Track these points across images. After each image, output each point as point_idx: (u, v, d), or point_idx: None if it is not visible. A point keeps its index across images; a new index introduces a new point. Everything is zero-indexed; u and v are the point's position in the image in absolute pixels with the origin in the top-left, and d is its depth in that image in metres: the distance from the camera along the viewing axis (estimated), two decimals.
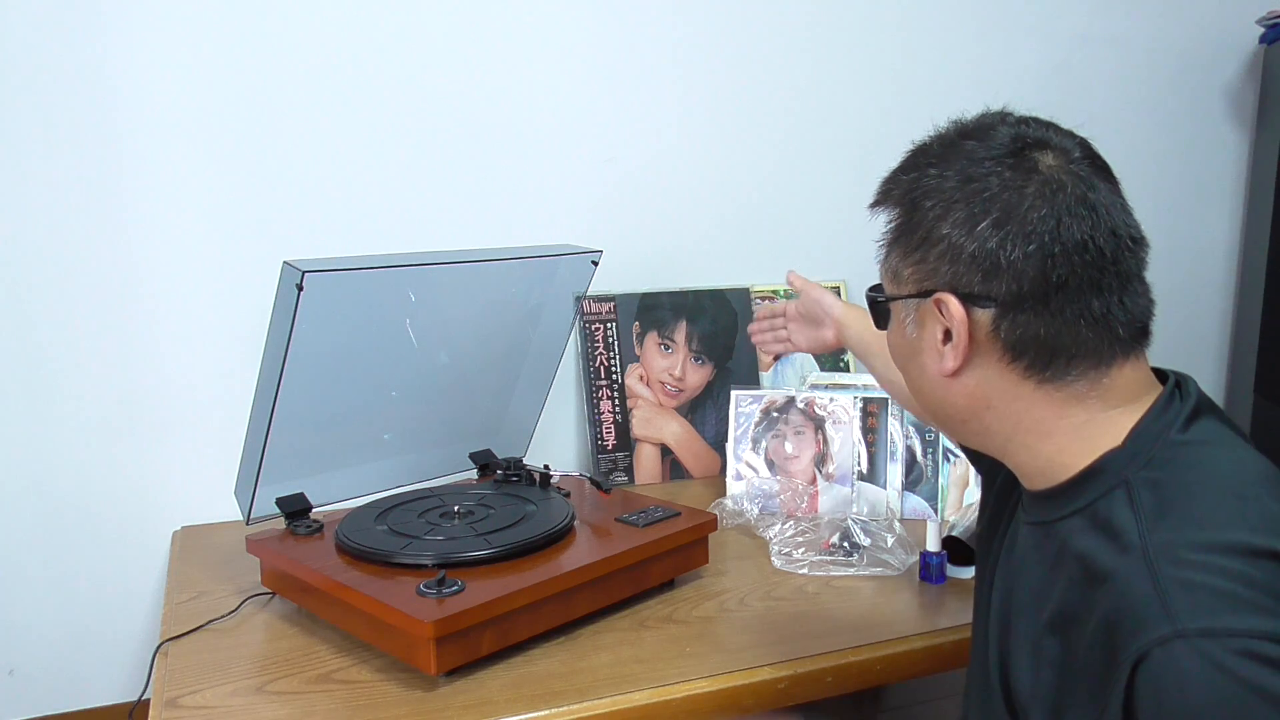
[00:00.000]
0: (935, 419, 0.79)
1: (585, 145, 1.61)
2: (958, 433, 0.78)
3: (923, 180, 0.72)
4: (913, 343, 0.75)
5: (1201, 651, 0.56)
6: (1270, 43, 1.96)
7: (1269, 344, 1.98)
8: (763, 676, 1.02)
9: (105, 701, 1.47)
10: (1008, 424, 0.73)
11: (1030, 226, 0.67)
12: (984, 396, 0.72)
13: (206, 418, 1.46)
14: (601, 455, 1.61)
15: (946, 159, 0.71)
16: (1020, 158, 0.69)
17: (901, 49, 1.78)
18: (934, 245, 0.71)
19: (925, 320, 0.73)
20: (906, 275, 0.74)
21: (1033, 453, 0.73)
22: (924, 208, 0.71)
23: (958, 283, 0.70)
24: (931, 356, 0.73)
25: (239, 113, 1.43)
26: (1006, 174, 0.68)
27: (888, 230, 0.76)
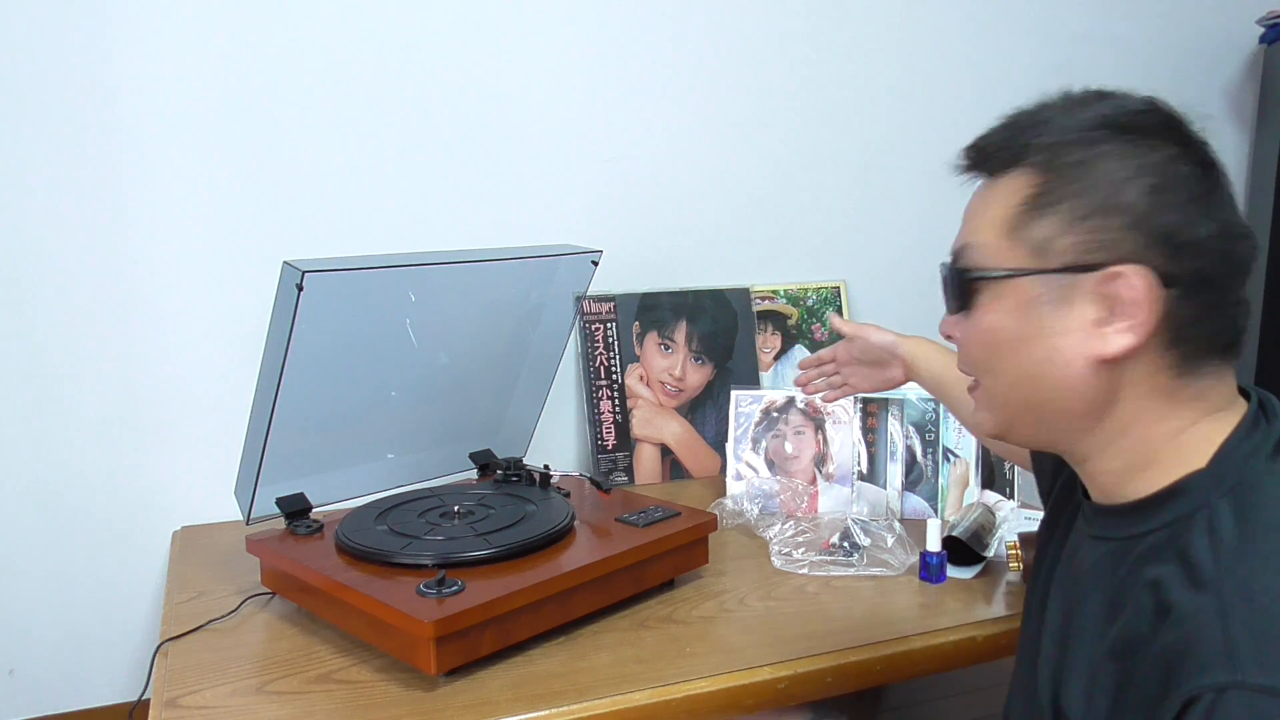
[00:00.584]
0: (1027, 414, 0.71)
1: (585, 145, 1.61)
2: (1051, 431, 0.71)
3: (1088, 144, 0.66)
4: (1044, 323, 0.67)
5: (1256, 708, 0.53)
6: (1270, 43, 1.96)
7: (1269, 344, 1.98)
8: (763, 676, 1.02)
9: (105, 701, 1.47)
10: (1123, 421, 0.68)
11: (1218, 209, 0.65)
12: (1118, 388, 0.67)
13: (206, 418, 1.46)
14: (601, 455, 1.61)
15: (1115, 127, 0.67)
16: (1189, 135, 0.67)
17: (901, 49, 1.78)
18: (1117, 214, 0.64)
19: (1074, 298, 0.66)
20: (1065, 246, 0.65)
21: (1126, 459, 0.68)
22: (1100, 170, 0.65)
23: (1146, 257, 0.63)
24: (1075, 339, 0.66)
25: (239, 113, 1.43)
26: (1188, 151, 0.66)
27: (1027, 198, 0.67)
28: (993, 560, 1.25)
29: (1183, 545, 0.63)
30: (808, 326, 1.74)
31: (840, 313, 1.75)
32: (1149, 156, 0.65)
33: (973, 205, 0.72)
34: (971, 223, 0.72)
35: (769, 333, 1.72)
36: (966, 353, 0.74)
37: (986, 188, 0.71)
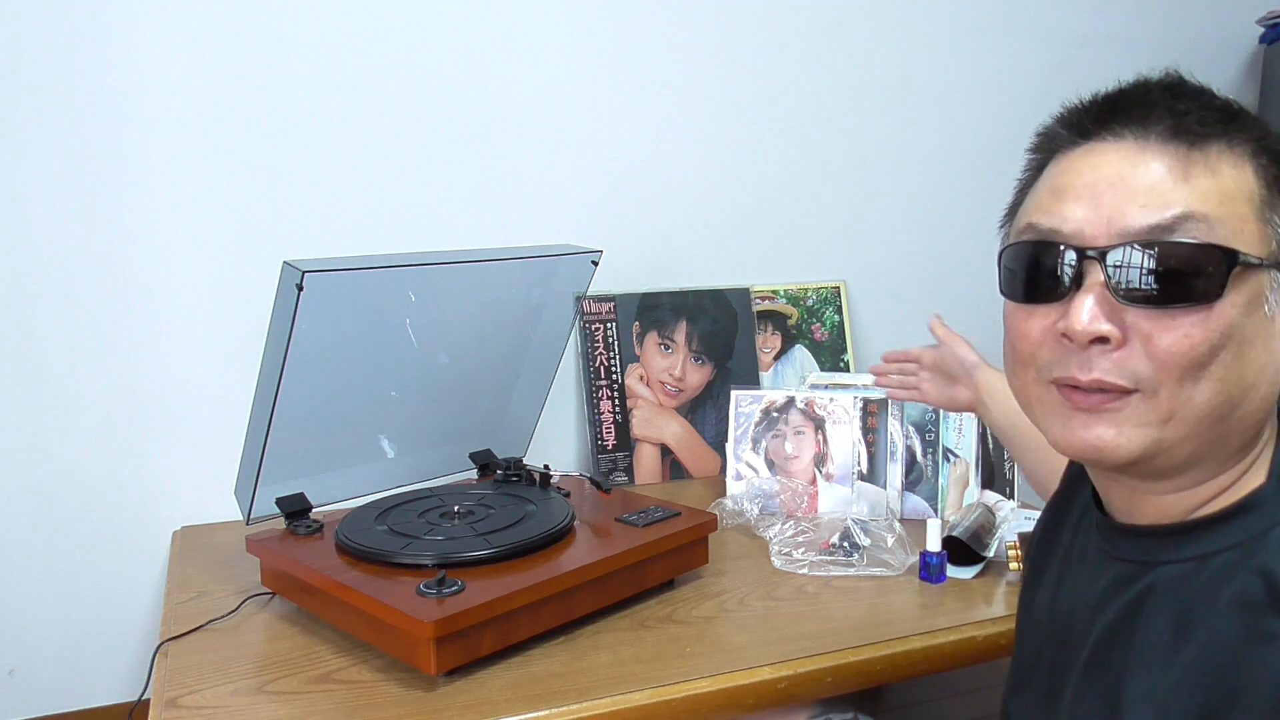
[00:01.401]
0: (1217, 425, 0.61)
1: (585, 145, 1.61)
2: (1222, 448, 0.63)
3: (1267, 135, 0.62)
4: (1267, 324, 0.60)
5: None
6: (1270, 43, 1.96)
7: None
8: (763, 676, 1.02)
9: (105, 701, 1.47)
10: (1265, 435, 0.64)
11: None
12: (1276, 397, 0.62)
13: (206, 418, 1.46)
14: (601, 455, 1.61)
15: (1258, 120, 0.63)
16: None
17: (901, 49, 1.78)
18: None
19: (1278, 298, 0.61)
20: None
21: (1230, 474, 0.63)
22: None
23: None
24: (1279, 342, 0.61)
25: (239, 113, 1.43)
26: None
27: (1273, 175, 0.61)
28: (993, 560, 1.25)
29: (1265, 563, 0.59)
30: (808, 326, 1.74)
31: (840, 313, 1.75)
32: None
33: (1164, 174, 0.60)
34: (1187, 194, 0.60)
35: (769, 333, 1.72)
36: (1160, 355, 0.60)
37: (1180, 157, 0.61)
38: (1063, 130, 0.66)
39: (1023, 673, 0.79)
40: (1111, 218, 0.61)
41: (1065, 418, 0.64)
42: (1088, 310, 0.60)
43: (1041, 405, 0.66)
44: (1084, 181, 0.62)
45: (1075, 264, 0.61)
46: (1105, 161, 0.62)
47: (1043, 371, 0.65)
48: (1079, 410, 0.62)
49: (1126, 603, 0.65)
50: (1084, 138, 0.64)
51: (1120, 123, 0.63)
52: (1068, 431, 0.63)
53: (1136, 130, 0.62)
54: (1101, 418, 0.62)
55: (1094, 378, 0.61)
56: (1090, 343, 0.61)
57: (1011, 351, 0.68)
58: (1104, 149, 0.63)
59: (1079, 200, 0.62)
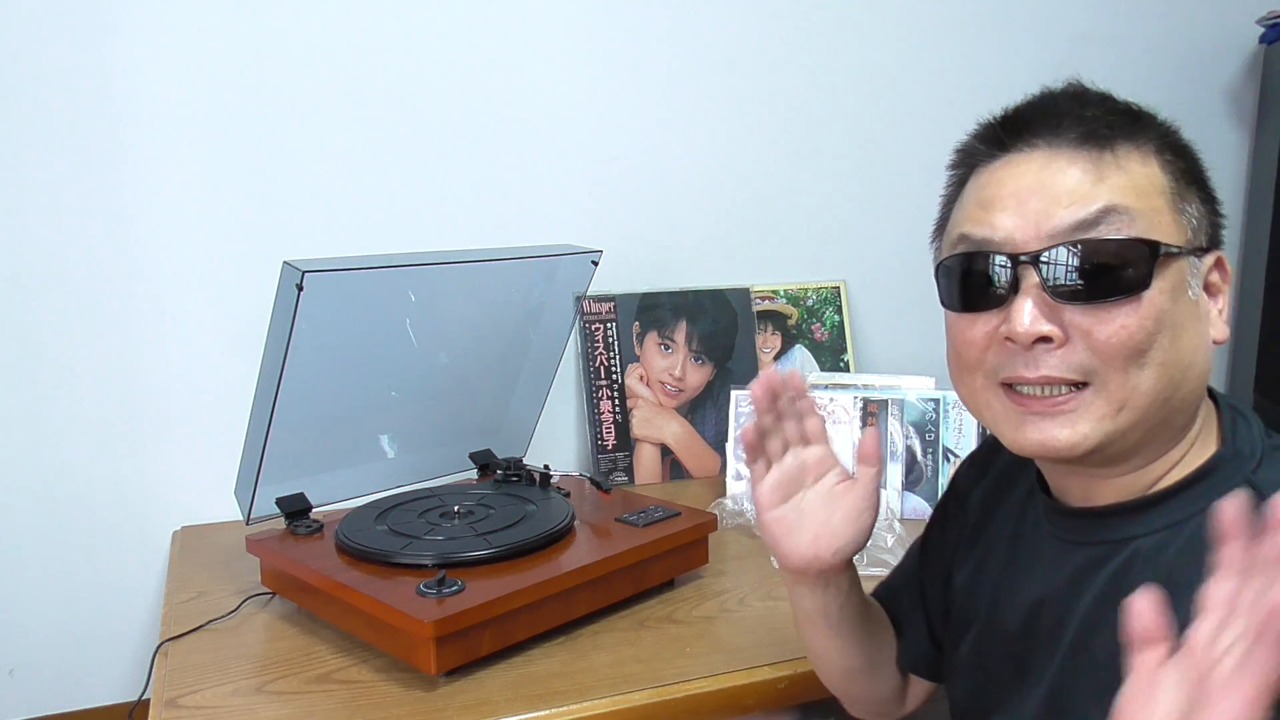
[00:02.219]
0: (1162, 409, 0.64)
1: (585, 145, 1.61)
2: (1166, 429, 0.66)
3: (1170, 132, 0.68)
4: (1192, 307, 0.65)
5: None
6: (1270, 43, 1.96)
7: (1269, 344, 1.98)
8: (763, 676, 1.02)
9: (105, 701, 1.47)
10: (1204, 409, 0.68)
11: None
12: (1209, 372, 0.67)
13: (206, 418, 1.46)
14: (601, 455, 1.61)
15: (1159, 120, 0.69)
16: None
17: (900, 49, 1.77)
18: (1212, 202, 0.67)
19: (1203, 281, 0.66)
20: (1203, 227, 0.65)
21: (1183, 451, 0.67)
22: (1191, 160, 0.67)
23: (1219, 243, 0.67)
24: (1206, 324, 0.66)
25: (239, 113, 1.43)
26: (1191, 148, 0.70)
27: (1183, 171, 0.66)
28: None
29: None
30: (808, 326, 1.74)
31: (840, 313, 1.75)
32: (1198, 158, 0.68)
33: (1083, 175, 0.64)
34: (1108, 191, 0.63)
35: (769, 333, 1.72)
36: (1102, 347, 0.63)
37: (1092, 159, 0.64)
38: (980, 145, 0.70)
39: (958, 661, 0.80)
40: (1039, 222, 0.64)
41: (1018, 420, 0.66)
42: (1028, 313, 0.63)
43: (991, 410, 0.69)
44: (1008, 191, 0.66)
45: (1010, 270, 0.65)
46: (1024, 170, 0.66)
47: (990, 375, 0.67)
48: (1030, 413, 0.65)
49: (1106, 581, 0.67)
50: (1001, 150, 0.68)
51: (1033, 133, 0.67)
52: (1020, 434, 0.66)
53: (1048, 139, 0.66)
54: (1055, 419, 0.64)
55: (1041, 374, 0.64)
56: (1034, 343, 0.64)
57: (957, 360, 0.70)
58: (1021, 159, 0.67)
59: (1005, 209, 0.66)
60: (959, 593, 0.86)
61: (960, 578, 0.86)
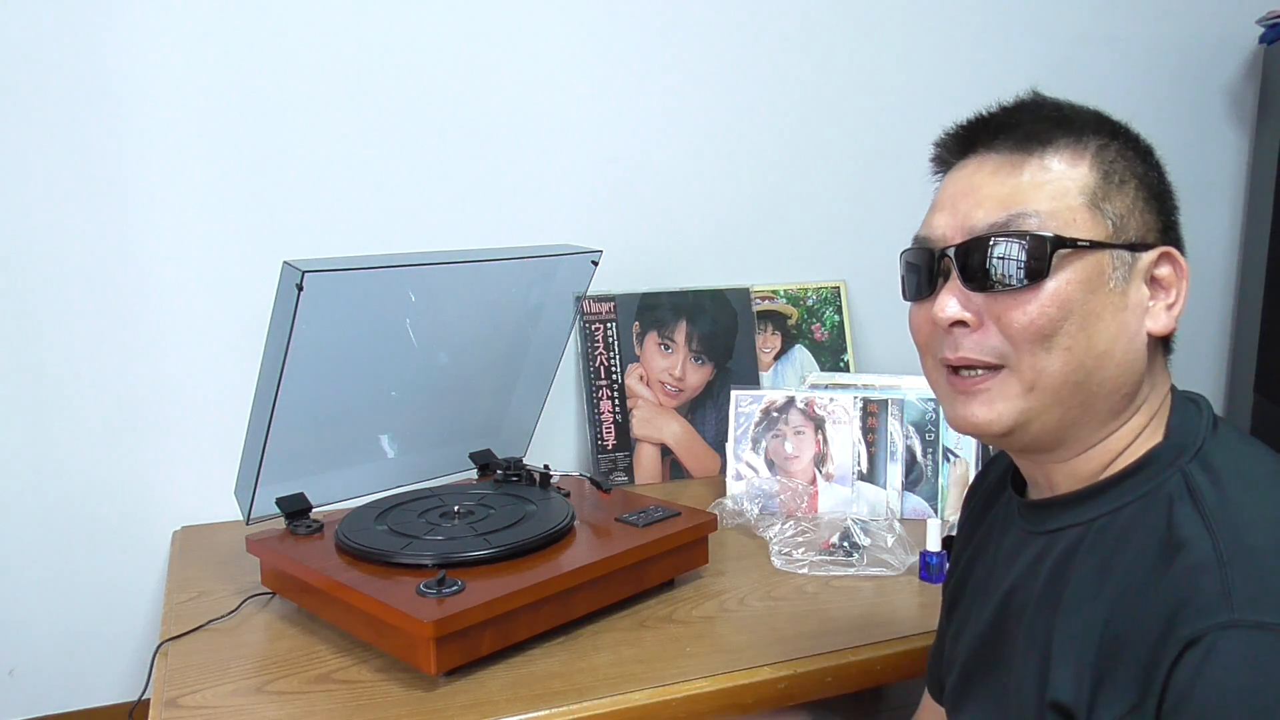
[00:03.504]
0: (1076, 392, 0.70)
1: (585, 145, 1.61)
2: (1086, 410, 0.71)
3: (1126, 139, 0.73)
4: (1113, 297, 0.69)
5: (1252, 643, 0.57)
6: (1270, 43, 1.96)
7: (1269, 344, 1.98)
8: (763, 676, 1.02)
9: (105, 701, 1.47)
10: (1140, 397, 0.72)
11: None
12: (1146, 364, 0.71)
13: (206, 418, 1.46)
14: (601, 455, 1.61)
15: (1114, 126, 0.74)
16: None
17: (901, 49, 1.78)
18: (1165, 198, 0.73)
19: (1134, 275, 0.70)
20: (1134, 223, 0.70)
21: (1118, 435, 0.72)
22: (1150, 160, 0.73)
23: (1175, 238, 0.73)
24: (1136, 314, 0.70)
25: (239, 113, 1.43)
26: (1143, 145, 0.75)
27: (1105, 172, 0.70)
28: None
29: (1165, 509, 0.67)
30: (808, 326, 1.74)
31: (840, 313, 1.75)
32: (1150, 158, 0.74)
33: (1006, 180, 0.71)
34: (1022, 193, 0.70)
35: (769, 333, 1.72)
36: (1009, 331, 0.69)
37: (1017, 164, 0.71)
38: (943, 153, 0.78)
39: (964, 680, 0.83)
40: (963, 222, 0.72)
41: (952, 398, 0.74)
42: (944, 300, 0.72)
43: (938, 388, 0.77)
44: (947, 194, 0.75)
45: (935, 262, 0.73)
46: (961, 176, 0.74)
47: (935, 356, 0.75)
48: (959, 392, 0.73)
49: (1051, 566, 0.72)
50: (955, 157, 0.77)
51: (976, 142, 0.75)
52: (954, 411, 0.75)
53: (987, 146, 0.74)
54: (977, 397, 0.72)
55: (960, 355, 0.72)
56: (951, 327, 0.72)
57: (916, 343, 0.78)
58: (965, 165, 0.75)
59: (942, 210, 0.74)
60: (953, 593, 0.89)
61: (953, 581, 0.90)
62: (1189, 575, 0.61)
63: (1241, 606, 0.58)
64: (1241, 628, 0.57)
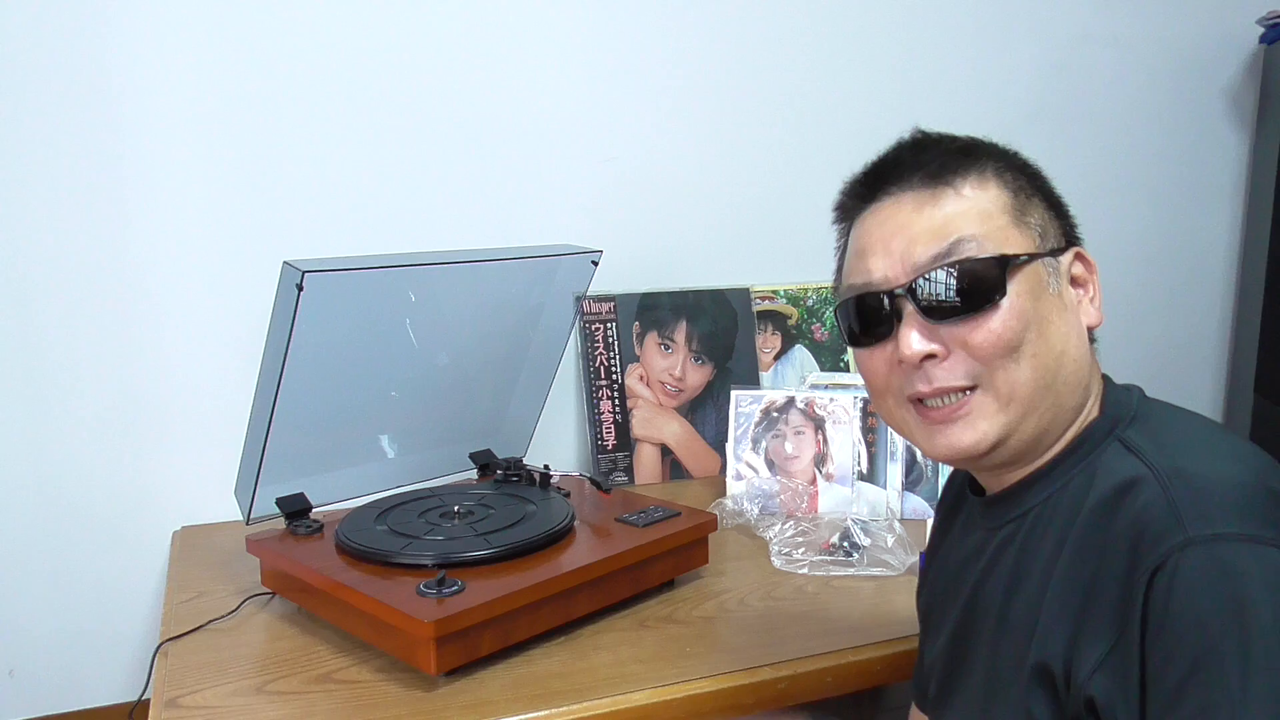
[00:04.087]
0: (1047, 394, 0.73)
1: (585, 145, 1.61)
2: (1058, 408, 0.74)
3: (1005, 154, 0.78)
4: (1057, 301, 0.74)
5: (1213, 554, 0.61)
6: (1270, 43, 1.96)
7: (1269, 344, 1.98)
8: (763, 676, 1.02)
9: (105, 701, 1.47)
10: (1092, 388, 0.76)
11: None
12: (1091, 356, 0.76)
13: (206, 418, 1.46)
14: (601, 455, 1.61)
15: (992, 145, 0.80)
16: None
17: (901, 49, 1.77)
18: (1058, 205, 0.78)
19: (1062, 277, 0.75)
20: (1054, 231, 0.76)
21: (1069, 424, 0.75)
22: (1039, 176, 0.79)
23: (1078, 239, 0.78)
24: (1072, 313, 0.75)
25: (239, 113, 1.43)
26: (1027, 161, 0.81)
27: (1020, 189, 0.76)
28: None
29: (1108, 466, 0.71)
30: (808, 326, 1.74)
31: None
32: (1037, 172, 0.79)
33: (931, 213, 0.75)
34: (953, 222, 0.74)
35: (769, 333, 1.72)
36: (979, 352, 0.72)
37: (935, 196, 0.75)
38: (850, 200, 0.83)
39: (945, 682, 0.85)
40: (903, 260, 0.74)
41: (928, 431, 0.76)
42: (911, 336, 0.74)
43: (906, 426, 0.78)
44: (874, 238, 0.77)
45: (890, 304, 0.75)
46: (884, 218, 0.77)
47: (898, 396, 0.77)
48: (936, 423, 0.75)
49: (1015, 552, 0.75)
50: (865, 202, 0.80)
51: (887, 183, 0.78)
52: (933, 442, 0.76)
53: (899, 185, 0.77)
54: (956, 424, 0.74)
55: (935, 386, 0.74)
56: (921, 361, 0.74)
57: (870, 388, 0.81)
58: (880, 208, 0.78)
59: (875, 254, 0.76)
60: (926, 605, 0.92)
61: (925, 594, 0.93)
62: (1140, 511, 0.65)
63: (1193, 524, 0.62)
64: (1197, 543, 0.61)
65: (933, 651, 0.88)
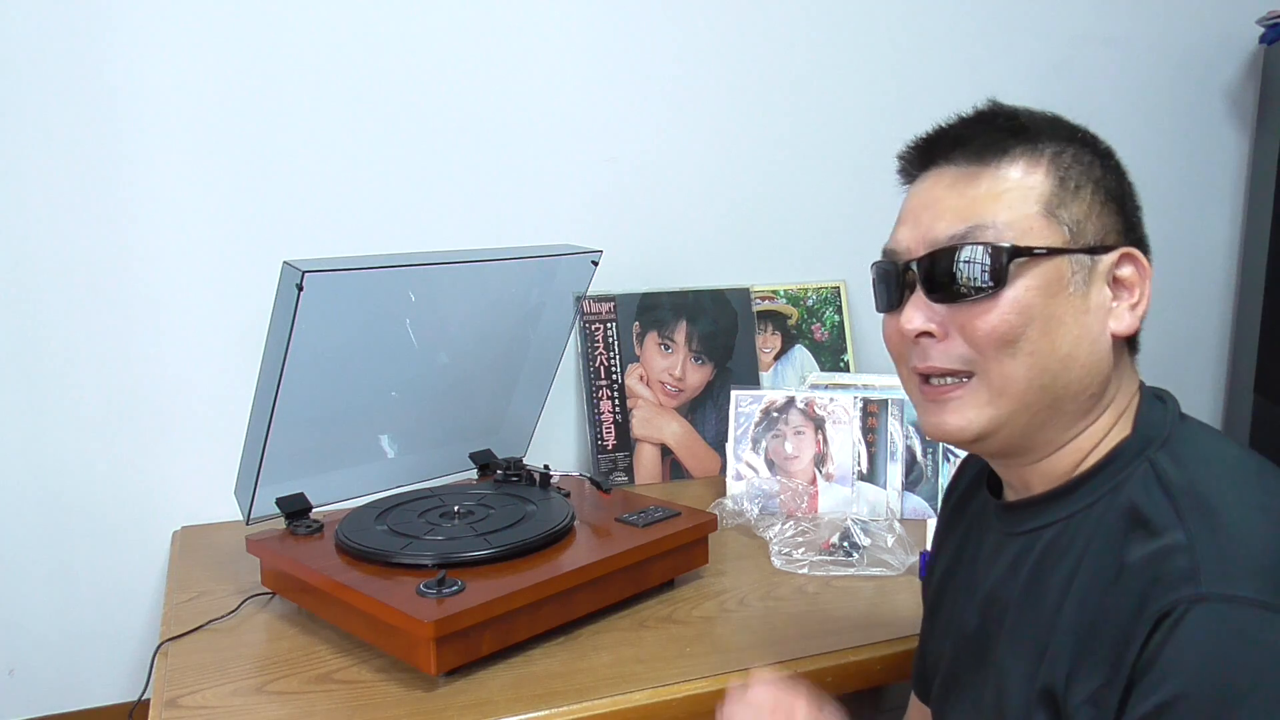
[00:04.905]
0: (1042, 396, 0.71)
1: (585, 145, 1.61)
2: (1054, 414, 0.72)
3: (1082, 135, 0.74)
4: (1074, 301, 0.70)
5: (1222, 615, 0.59)
6: (1270, 43, 1.96)
7: (1269, 344, 1.98)
8: None
9: (105, 701, 1.47)
10: (1107, 397, 0.73)
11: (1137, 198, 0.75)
12: (1111, 364, 0.72)
13: (206, 418, 1.46)
14: (601, 455, 1.61)
15: (1074, 131, 0.75)
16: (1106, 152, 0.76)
17: (901, 49, 1.78)
18: (1124, 200, 0.73)
19: (1093, 278, 0.71)
20: (1092, 228, 0.71)
21: (1087, 434, 0.73)
22: (1107, 163, 0.73)
23: (1138, 239, 0.73)
24: (1098, 316, 0.71)
25: (239, 113, 1.43)
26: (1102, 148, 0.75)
27: (1060, 179, 0.71)
28: None
29: (1133, 496, 0.68)
30: (808, 326, 1.74)
31: (840, 313, 1.75)
32: (1109, 160, 0.74)
33: (964, 191, 0.72)
34: (980, 205, 0.71)
35: (769, 333, 1.72)
36: (972, 339, 0.71)
37: (974, 175, 0.72)
38: (908, 164, 0.80)
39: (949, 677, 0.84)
40: (925, 234, 0.73)
41: (924, 407, 0.76)
42: (910, 313, 0.73)
43: (913, 396, 0.78)
44: (909, 208, 0.77)
45: (901, 275, 0.75)
46: (922, 189, 0.76)
47: (907, 365, 0.77)
48: (930, 401, 0.75)
49: (1033, 564, 0.73)
50: (917, 170, 0.78)
51: (935, 154, 0.76)
52: (926, 419, 0.76)
53: (945, 158, 0.75)
54: (946, 406, 0.73)
55: (928, 364, 0.73)
56: (918, 337, 0.74)
57: (890, 353, 0.80)
58: (924, 178, 0.76)
59: (905, 223, 0.76)
60: (935, 595, 0.90)
61: (934, 583, 0.91)
62: (1159, 555, 0.63)
63: (1210, 581, 0.60)
64: (1210, 601, 0.59)
65: (942, 645, 0.86)
